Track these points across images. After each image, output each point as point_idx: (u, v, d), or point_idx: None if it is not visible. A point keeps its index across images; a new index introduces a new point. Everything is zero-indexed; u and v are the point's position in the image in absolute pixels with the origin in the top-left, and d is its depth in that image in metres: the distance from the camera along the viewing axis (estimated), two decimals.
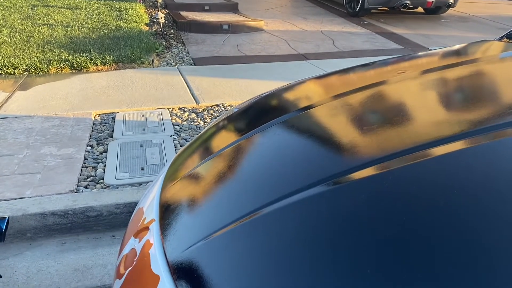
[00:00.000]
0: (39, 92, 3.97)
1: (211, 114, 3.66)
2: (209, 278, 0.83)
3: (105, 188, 2.50)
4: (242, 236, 0.88)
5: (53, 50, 5.03)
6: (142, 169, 2.70)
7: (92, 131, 3.26)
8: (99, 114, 3.59)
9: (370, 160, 0.97)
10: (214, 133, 1.51)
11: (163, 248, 0.96)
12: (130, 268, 1.01)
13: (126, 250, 1.11)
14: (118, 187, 2.50)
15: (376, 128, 1.13)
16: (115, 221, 2.32)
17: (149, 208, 1.19)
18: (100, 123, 3.41)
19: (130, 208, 2.34)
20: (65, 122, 3.37)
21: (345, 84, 1.65)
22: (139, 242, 1.06)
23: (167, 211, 1.10)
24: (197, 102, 3.85)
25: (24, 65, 4.55)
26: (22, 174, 2.59)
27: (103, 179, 2.59)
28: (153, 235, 1.03)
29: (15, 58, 4.73)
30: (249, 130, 1.34)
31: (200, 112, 3.69)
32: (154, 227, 1.06)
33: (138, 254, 1.02)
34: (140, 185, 2.54)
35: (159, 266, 0.92)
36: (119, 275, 1.04)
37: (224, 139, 1.40)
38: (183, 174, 1.26)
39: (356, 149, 1.05)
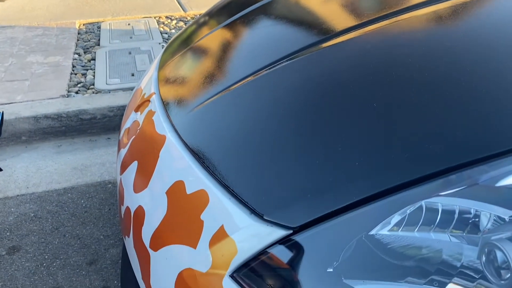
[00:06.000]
0: (17, 3, 3.78)
1: None
2: (210, 131, 0.86)
3: (96, 93, 2.47)
4: (238, 97, 0.91)
5: None
6: (133, 75, 2.65)
7: (78, 40, 3.15)
8: (83, 24, 3.45)
9: (354, 25, 0.98)
10: (206, 21, 1.48)
11: (166, 113, 0.97)
12: (134, 136, 1.02)
13: (127, 124, 1.12)
14: (109, 92, 2.47)
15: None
16: (110, 124, 2.32)
17: (147, 85, 1.18)
18: (86, 32, 3.29)
19: (123, 111, 2.33)
20: (48, 31, 3.25)
21: None
22: (140, 114, 1.07)
23: (166, 84, 1.10)
24: (184, 10, 3.71)
25: None
26: (10, 81, 2.53)
27: (93, 84, 2.55)
28: (155, 105, 1.04)
29: None
30: (236, 13, 1.33)
31: (188, 21, 3.57)
32: (156, 98, 1.06)
33: (141, 123, 1.03)
34: (132, 89, 2.51)
35: (164, 128, 0.93)
36: (122, 145, 1.06)
37: (215, 23, 1.38)
38: (178, 54, 1.24)
39: (340, 16, 1.04)
